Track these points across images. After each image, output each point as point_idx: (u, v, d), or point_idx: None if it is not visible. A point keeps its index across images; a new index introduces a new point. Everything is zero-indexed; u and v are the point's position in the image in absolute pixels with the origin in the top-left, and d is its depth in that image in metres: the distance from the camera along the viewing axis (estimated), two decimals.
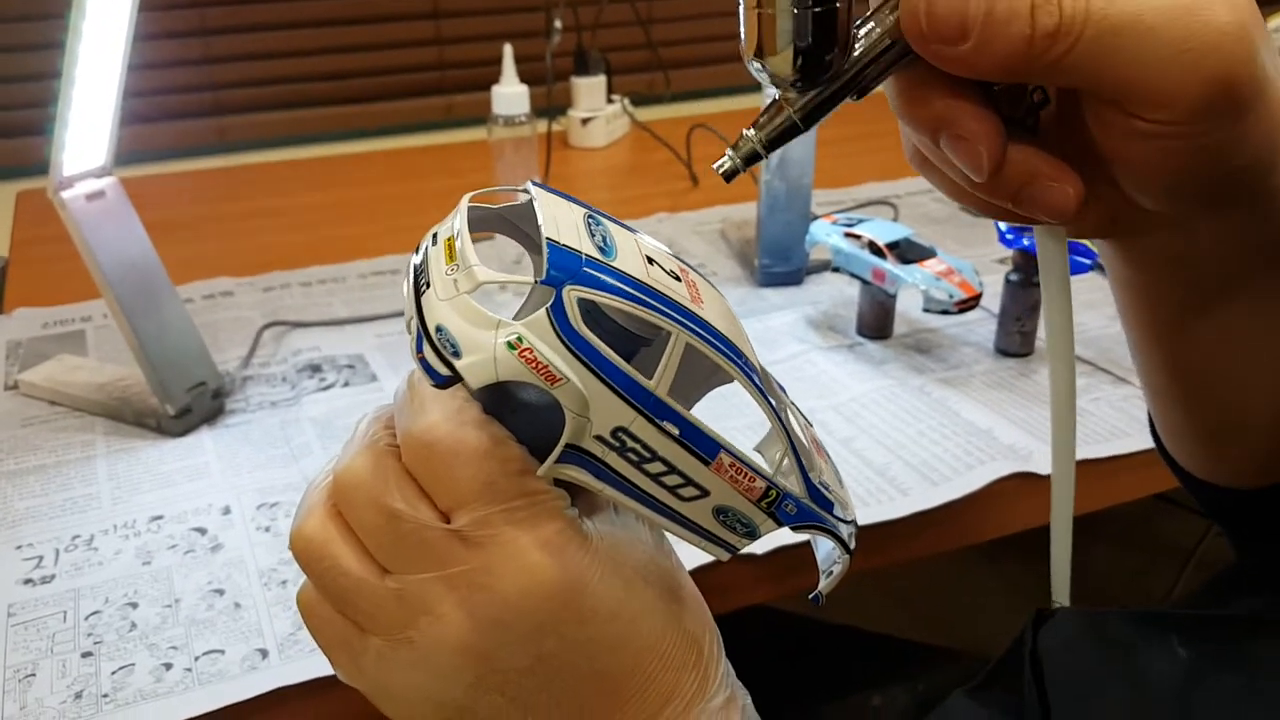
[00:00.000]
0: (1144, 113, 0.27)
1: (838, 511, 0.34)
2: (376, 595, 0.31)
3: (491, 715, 0.31)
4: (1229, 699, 0.35)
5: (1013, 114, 0.30)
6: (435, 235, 0.32)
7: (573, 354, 0.28)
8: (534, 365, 0.28)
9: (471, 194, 0.33)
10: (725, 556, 0.33)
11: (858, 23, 0.29)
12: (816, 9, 0.27)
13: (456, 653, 0.30)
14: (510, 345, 0.28)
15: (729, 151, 0.31)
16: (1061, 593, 0.42)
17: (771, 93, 0.30)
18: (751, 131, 0.30)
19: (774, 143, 0.30)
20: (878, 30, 0.28)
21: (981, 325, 0.86)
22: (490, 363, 0.29)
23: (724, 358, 0.30)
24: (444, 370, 0.29)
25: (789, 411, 0.34)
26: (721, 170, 0.31)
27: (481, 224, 0.33)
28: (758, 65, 0.28)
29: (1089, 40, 0.26)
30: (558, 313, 0.28)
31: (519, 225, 0.34)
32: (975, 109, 0.29)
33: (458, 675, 0.31)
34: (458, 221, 0.31)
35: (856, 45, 0.29)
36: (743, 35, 0.28)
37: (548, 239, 0.29)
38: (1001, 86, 0.30)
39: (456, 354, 0.29)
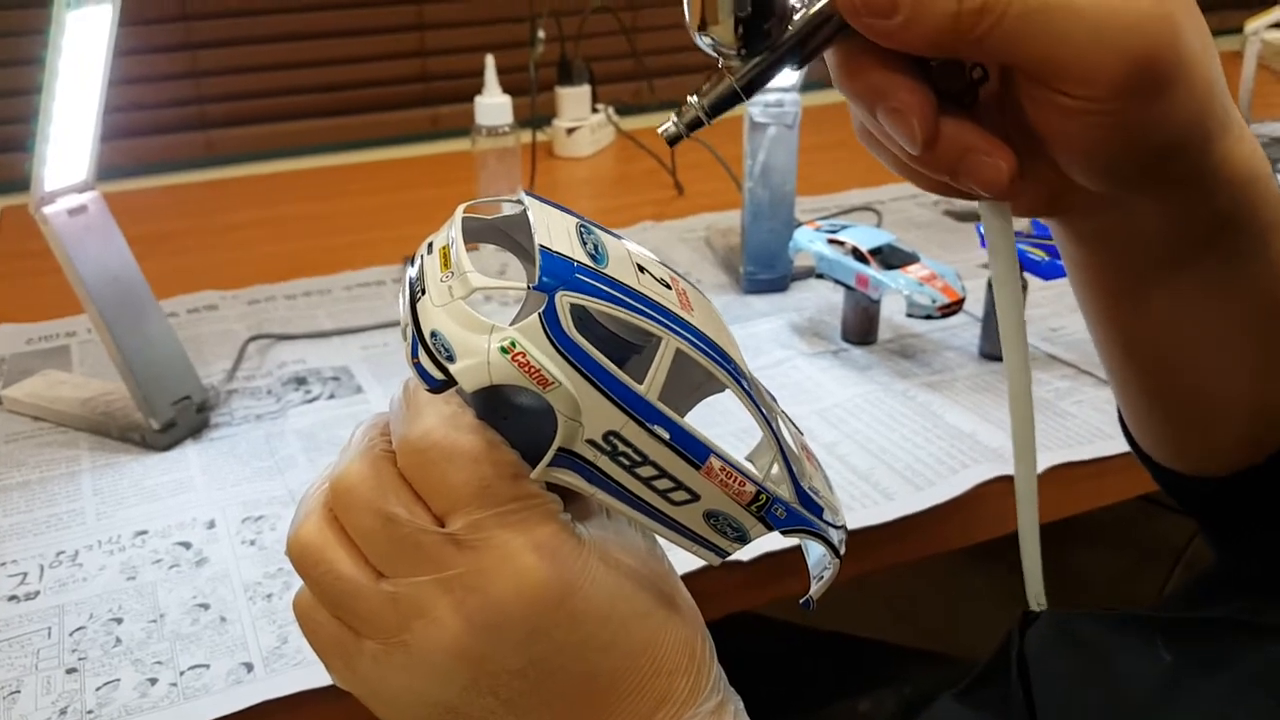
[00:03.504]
0: (1067, 89, 0.28)
1: (828, 516, 0.34)
2: (372, 599, 0.31)
3: (484, 717, 0.31)
4: (1211, 701, 0.35)
5: (950, 89, 0.31)
6: (430, 244, 0.32)
7: (565, 358, 0.29)
8: (527, 369, 0.29)
9: (466, 204, 0.33)
10: (716, 561, 0.33)
11: None
12: None
13: (451, 655, 0.30)
14: (504, 349, 0.29)
15: (673, 117, 0.32)
16: (1036, 595, 0.42)
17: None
18: (695, 99, 0.31)
19: (716, 109, 0.31)
20: (815, 3, 0.30)
21: (965, 330, 0.87)
22: (484, 366, 0.29)
23: (714, 363, 0.31)
24: (438, 374, 0.30)
25: (779, 418, 0.34)
26: (665, 134, 0.32)
27: (475, 234, 0.33)
28: (703, 37, 0.30)
29: (1013, 17, 0.27)
30: (550, 318, 0.29)
31: (512, 235, 0.35)
32: (909, 82, 0.30)
33: (452, 678, 0.31)
34: (453, 230, 0.32)
35: (795, 16, 0.30)
36: (687, 10, 0.30)
37: (541, 246, 0.30)
38: (938, 62, 0.30)
39: (451, 358, 0.29)
